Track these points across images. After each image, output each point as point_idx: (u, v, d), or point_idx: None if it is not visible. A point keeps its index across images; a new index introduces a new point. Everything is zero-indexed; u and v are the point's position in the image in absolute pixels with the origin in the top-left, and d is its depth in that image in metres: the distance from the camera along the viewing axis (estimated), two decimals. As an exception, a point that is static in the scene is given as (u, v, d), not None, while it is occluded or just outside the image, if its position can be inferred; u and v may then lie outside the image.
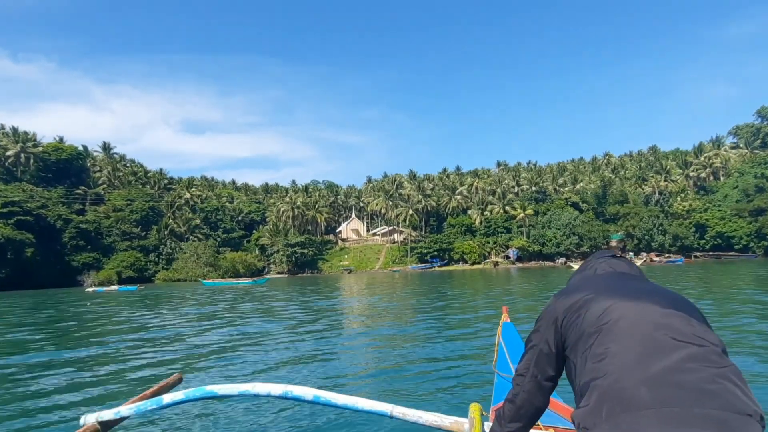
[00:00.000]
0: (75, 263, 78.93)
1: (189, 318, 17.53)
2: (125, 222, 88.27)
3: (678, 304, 1.36)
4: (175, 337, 12.22)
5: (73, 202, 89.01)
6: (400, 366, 7.35)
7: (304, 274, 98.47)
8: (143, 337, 12.30)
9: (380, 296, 24.96)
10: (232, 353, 9.20)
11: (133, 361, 8.94)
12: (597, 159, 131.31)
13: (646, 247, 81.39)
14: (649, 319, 1.29)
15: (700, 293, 19.03)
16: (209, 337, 11.86)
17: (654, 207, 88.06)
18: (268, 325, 13.72)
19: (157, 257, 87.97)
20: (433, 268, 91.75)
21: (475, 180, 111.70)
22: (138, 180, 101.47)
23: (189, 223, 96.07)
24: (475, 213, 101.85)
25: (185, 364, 8.28)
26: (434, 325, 12.12)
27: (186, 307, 23.23)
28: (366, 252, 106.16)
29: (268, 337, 11.19)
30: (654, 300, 1.36)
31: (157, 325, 15.34)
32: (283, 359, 8.32)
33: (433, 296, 22.99)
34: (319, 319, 14.94)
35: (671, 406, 1.08)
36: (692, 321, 1.31)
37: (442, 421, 1.91)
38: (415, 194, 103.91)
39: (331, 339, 10.58)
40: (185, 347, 10.44)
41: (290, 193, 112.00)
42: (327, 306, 20.46)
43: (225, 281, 52.06)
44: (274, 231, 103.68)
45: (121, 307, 24.81)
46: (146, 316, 18.65)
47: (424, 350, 8.66)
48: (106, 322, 17.18)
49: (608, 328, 1.30)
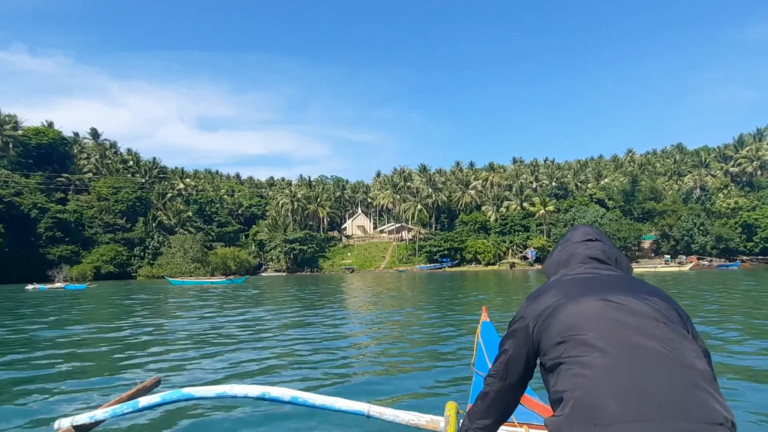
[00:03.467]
0: (50, 256, 72.13)
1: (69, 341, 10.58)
2: (109, 212, 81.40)
3: (655, 306, 1.32)
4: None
5: (54, 191, 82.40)
6: (381, 366, 7.35)
7: (303, 273, 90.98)
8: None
9: (376, 297, 21.88)
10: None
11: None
12: (618, 157, 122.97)
13: (685, 249, 72.29)
14: (621, 325, 1.25)
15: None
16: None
17: (695, 204, 78.65)
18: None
19: (142, 251, 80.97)
20: (443, 268, 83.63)
21: (491, 174, 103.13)
22: (128, 169, 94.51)
23: (180, 215, 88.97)
24: (490, 209, 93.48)
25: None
26: (431, 331, 11.21)
27: (110, 318, 15.62)
28: (371, 250, 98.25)
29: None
30: (628, 303, 1.31)
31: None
32: (262, 362, 7.93)
33: (442, 300, 20.70)
34: (298, 326, 12.99)
35: (641, 420, 1.07)
36: (669, 326, 1.27)
37: (419, 420, 1.93)
38: (425, 188, 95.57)
39: (314, 341, 9.92)
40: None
41: (291, 186, 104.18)
42: (309, 315, 15.84)
43: (196, 280, 44.65)
44: (272, 226, 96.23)
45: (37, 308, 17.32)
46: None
47: (408, 349, 8.79)
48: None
49: (578, 337, 1.26)
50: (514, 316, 1.53)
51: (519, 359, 1.47)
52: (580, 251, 1.58)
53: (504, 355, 1.51)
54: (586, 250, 1.58)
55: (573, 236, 1.66)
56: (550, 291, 1.46)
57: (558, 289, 1.44)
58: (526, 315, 1.46)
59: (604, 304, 1.31)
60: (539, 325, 1.39)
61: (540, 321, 1.39)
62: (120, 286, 48.75)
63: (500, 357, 1.53)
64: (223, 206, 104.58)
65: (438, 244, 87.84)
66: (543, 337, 1.37)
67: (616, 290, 1.36)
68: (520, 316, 1.50)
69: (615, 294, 1.34)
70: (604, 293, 1.35)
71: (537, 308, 1.43)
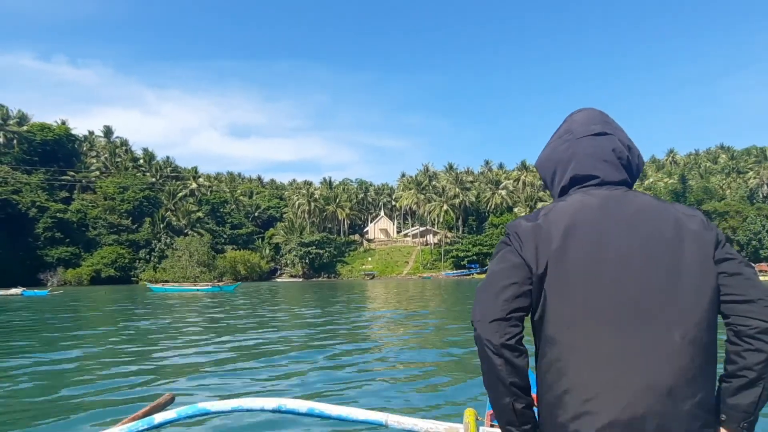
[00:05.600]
0: (48, 258, 67.47)
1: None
2: (114, 212, 76.59)
3: (667, 276, 1.09)
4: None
5: (58, 189, 78.25)
6: (396, 375, 7.10)
7: (320, 279, 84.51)
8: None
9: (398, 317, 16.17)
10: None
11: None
12: (657, 159, 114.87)
13: (752, 255, 62.86)
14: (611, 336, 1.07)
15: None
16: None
17: (763, 204, 68.91)
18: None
19: (148, 254, 75.84)
20: (471, 275, 76.00)
21: (523, 173, 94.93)
22: (138, 167, 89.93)
23: (190, 216, 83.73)
24: (523, 211, 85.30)
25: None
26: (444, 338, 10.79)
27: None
28: (393, 254, 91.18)
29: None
30: (636, 284, 1.08)
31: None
32: (276, 373, 7.26)
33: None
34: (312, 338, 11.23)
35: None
36: (677, 314, 1.07)
37: (437, 428, 1.88)
38: (452, 187, 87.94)
39: (327, 351, 9.12)
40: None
41: (310, 187, 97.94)
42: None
43: (180, 286, 38.51)
44: (289, 228, 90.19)
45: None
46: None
47: (420, 356, 8.43)
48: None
49: (568, 341, 1.10)
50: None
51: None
52: (582, 151, 1.27)
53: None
54: (593, 152, 1.26)
55: (574, 123, 1.33)
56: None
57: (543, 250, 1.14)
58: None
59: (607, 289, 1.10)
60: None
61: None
62: (96, 291, 42.88)
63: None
64: (239, 208, 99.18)
65: (466, 248, 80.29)
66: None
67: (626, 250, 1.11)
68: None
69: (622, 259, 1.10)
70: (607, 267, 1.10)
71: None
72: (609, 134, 1.28)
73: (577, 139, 1.28)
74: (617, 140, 1.27)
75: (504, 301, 1.10)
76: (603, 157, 1.25)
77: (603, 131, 1.28)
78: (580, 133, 1.29)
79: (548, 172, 1.34)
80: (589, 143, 1.27)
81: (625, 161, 1.26)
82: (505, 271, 1.13)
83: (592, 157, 1.25)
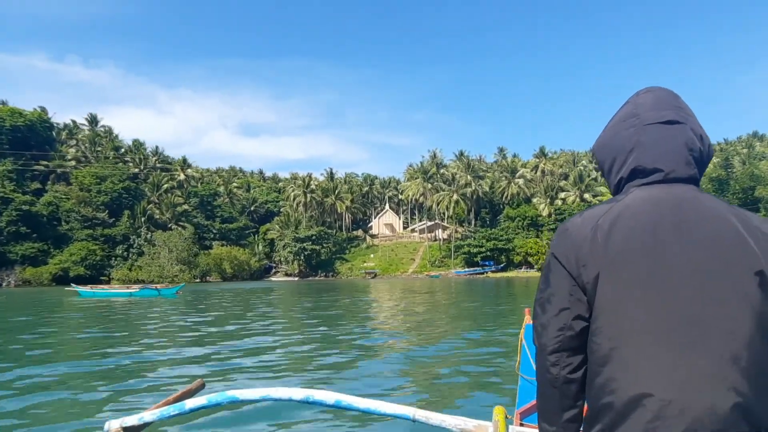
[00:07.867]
0: (12, 255, 60.49)
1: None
2: (89, 205, 69.45)
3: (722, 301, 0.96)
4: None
5: (29, 180, 71.38)
6: (424, 370, 7.16)
7: (316, 278, 76.78)
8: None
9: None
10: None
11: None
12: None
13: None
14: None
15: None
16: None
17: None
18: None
19: (125, 251, 68.58)
20: (485, 273, 67.76)
21: (541, 160, 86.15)
22: (120, 156, 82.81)
23: (175, 209, 76.42)
24: (542, 202, 76.99)
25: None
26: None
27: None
28: (398, 251, 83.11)
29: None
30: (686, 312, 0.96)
31: None
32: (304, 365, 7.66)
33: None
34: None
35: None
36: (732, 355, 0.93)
37: (466, 425, 1.89)
38: (464, 175, 79.43)
39: (353, 343, 9.59)
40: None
41: (306, 178, 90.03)
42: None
43: (107, 289, 31.00)
44: (284, 222, 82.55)
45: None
46: None
47: (448, 353, 8.41)
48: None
49: (617, 353, 0.98)
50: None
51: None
52: (649, 140, 1.10)
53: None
54: (662, 143, 1.10)
55: (641, 107, 1.14)
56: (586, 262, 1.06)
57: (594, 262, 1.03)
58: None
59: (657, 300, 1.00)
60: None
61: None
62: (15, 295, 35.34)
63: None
64: (234, 201, 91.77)
65: (479, 243, 71.97)
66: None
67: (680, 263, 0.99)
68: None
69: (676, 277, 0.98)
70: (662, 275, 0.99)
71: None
72: (681, 123, 1.10)
73: (644, 126, 1.11)
74: (689, 130, 1.10)
75: (558, 330, 1.03)
76: (673, 149, 1.08)
77: (675, 119, 1.10)
78: (647, 119, 1.12)
79: (606, 159, 1.18)
80: (658, 132, 1.10)
81: (696, 153, 1.09)
82: (558, 295, 1.05)
83: (659, 149, 1.09)
